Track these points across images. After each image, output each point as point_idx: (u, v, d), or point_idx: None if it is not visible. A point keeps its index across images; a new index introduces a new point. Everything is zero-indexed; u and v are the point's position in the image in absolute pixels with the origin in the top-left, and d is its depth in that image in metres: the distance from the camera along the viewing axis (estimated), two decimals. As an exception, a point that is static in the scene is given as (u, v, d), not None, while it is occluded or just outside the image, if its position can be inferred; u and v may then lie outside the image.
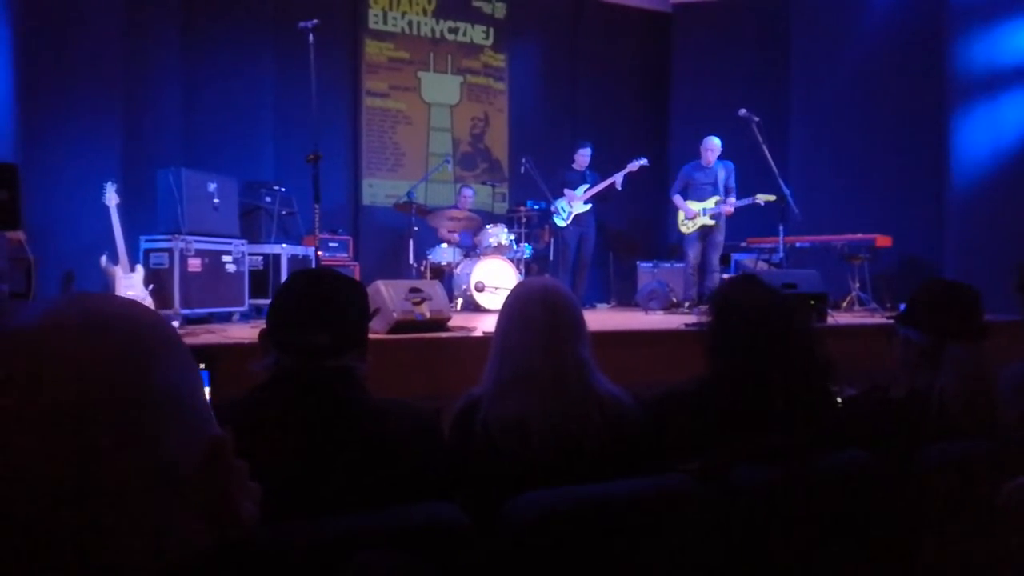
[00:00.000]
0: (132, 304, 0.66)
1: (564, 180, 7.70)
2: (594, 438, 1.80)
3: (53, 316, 0.60)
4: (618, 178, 7.63)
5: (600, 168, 7.82)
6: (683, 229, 7.21)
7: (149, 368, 0.60)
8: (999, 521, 1.54)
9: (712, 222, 7.01)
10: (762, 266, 7.38)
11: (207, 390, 1.25)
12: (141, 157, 6.28)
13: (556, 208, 7.58)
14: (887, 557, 1.75)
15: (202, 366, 1.25)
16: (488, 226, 7.53)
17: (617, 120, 9.66)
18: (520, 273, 7.26)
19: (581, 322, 1.97)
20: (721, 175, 7.04)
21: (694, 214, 7.04)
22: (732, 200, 7.00)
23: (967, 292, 2.22)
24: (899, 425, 2.00)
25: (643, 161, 7.68)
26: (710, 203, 7.00)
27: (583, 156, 7.78)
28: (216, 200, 5.63)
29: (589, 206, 7.69)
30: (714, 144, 7.06)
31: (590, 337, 1.97)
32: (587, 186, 7.65)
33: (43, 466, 0.54)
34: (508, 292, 2.08)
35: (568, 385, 1.85)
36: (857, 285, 6.79)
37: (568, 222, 7.61)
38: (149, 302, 4.68)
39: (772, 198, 6.45)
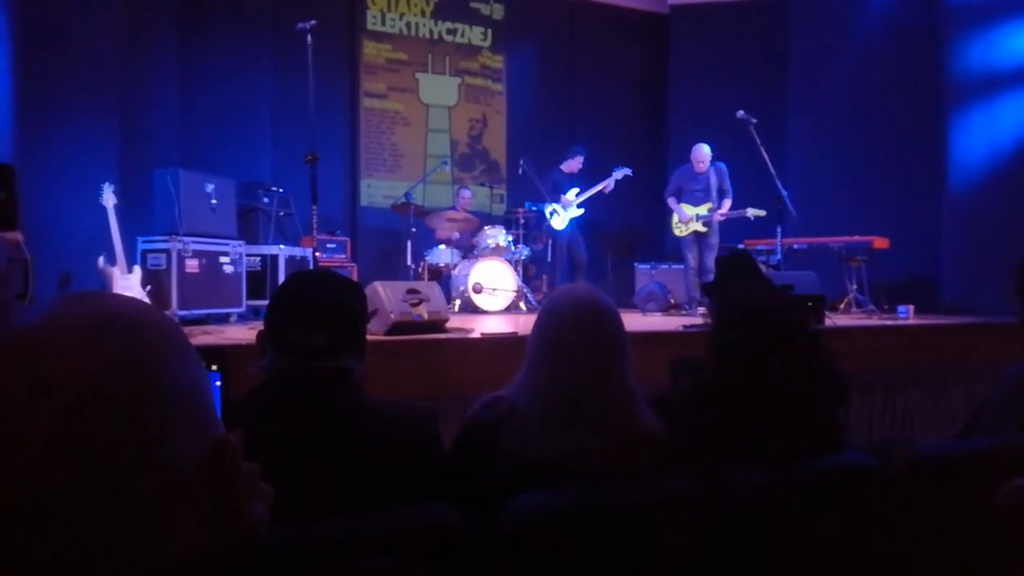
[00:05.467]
0: (138, 303, 0.65)
1: (556, 183, 7.72)
2: (629, 476, 1.65)
3: (58, 316, 0.60)
4: (608, 184, 7.67)
5: (592, 169, 7.84)
6: (677, 232, 7.24)
7: (155, 368, 0.60)
8: (998, 522, 1.54)
9: (704, 229, 7.04)
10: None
11: (218, 391, 1.25)
12: (139, 158, 6.26)
13: (552, 210, 7.58)
14: (886, 558, 1.75)
15: (214, 367, 1.25)
16: (486, 227, 7.53)
17: (614, 121, 9.67)
18: (518, 274, 7.25)
19: (627, 341, 1.79)
20: (714, 180, 7.06)
21: (688, 218, 7.06)
22: (727, 204, 7.02)
23: None
24: None
25: (627, 171, 7.73)
26: (703, 209, 7.04)
27: (576, 162, 7.79)
28: (213, 201, 5.62)
29: (582, 210, 7.71)
30: (704, 153, 7.07)
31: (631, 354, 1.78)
32: (577, 190, 7.67)
33: (46, 466, 0.54)
34: (549, 298, 1.89)
35: (611, 421, 1.68)
36: (854, 287, 6.78)
37: (564, 225, 7.62)
38: (146, 303, 4.66)
39: (762, 213, 6.51)
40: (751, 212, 6.71)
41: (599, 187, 7.70)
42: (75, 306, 0.61)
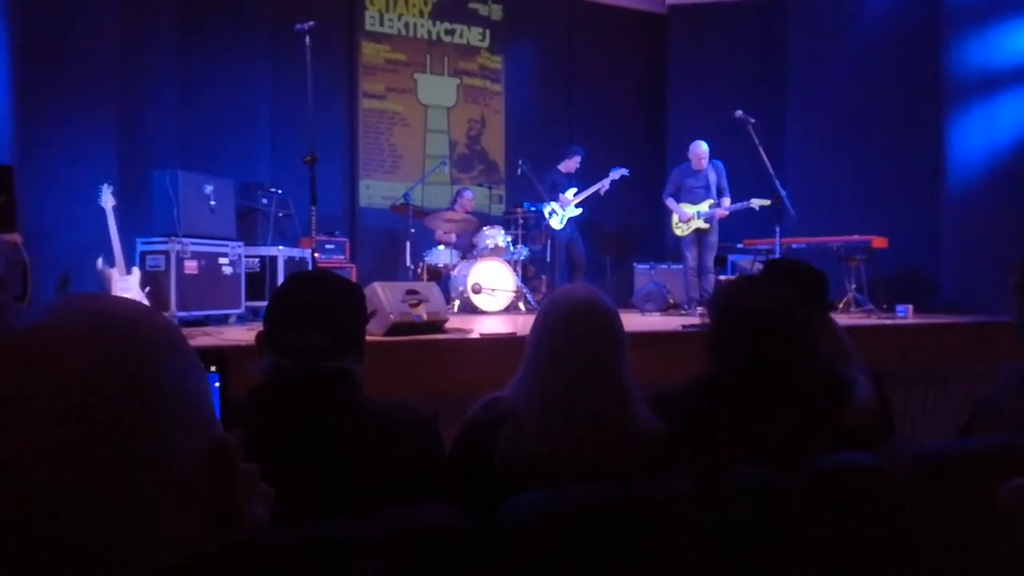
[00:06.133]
0: (136, 305, 0.65)
1: (554, 183, 7.73)
2: (627, 475, 1.65)
3: (56, 318, 0.60)
4: (604, 185, 7.69)
5: (591, 169, 7.86)
6: (677, 232, 7.25)
7: (153, 370, 0.60)
8: (998, 521, 1.54)
9: (706, 225, 7.05)
10: (759, 267, 7.39)
11: (217, 392, 1.25)
12: (137, 159, 6.26)
13: (551, 210, 7.60)
14: (887, 556, 1.75)
15: (212, 369, 1.25)
16: (485, 228, 7.53)
17: (613, 122, 9.67)
18: (517, 275, 7.25)
19: (625, 341, 1.80)
20: (712, 177, 7.07)
21: (688, 217, 7.07)
22: (727, 201, 7.03)
23: None
24: None
25: (624, 171, 7.75)
26: (703, 206, 7.04)
27: (574, 162, 7.82)
28: (212, 202, 5.61)
29: (580, 210, 7.72)
30: (702, 150, 7.08)
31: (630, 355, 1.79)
32: (575, 190, 7.68)
33: (45, 468, 0.54)
34: (547, 299, 1.90)
35: (610, 421, 1.68)
36: (853, 286, 6.79)
37: (563, 225, 7.64)
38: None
39: (767, 203, 6.48)
40: (756, 203, 6.71)
41: (595, 188, 7.71)
42: (74, 308, 0.61)
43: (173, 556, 0.59)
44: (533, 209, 7.87)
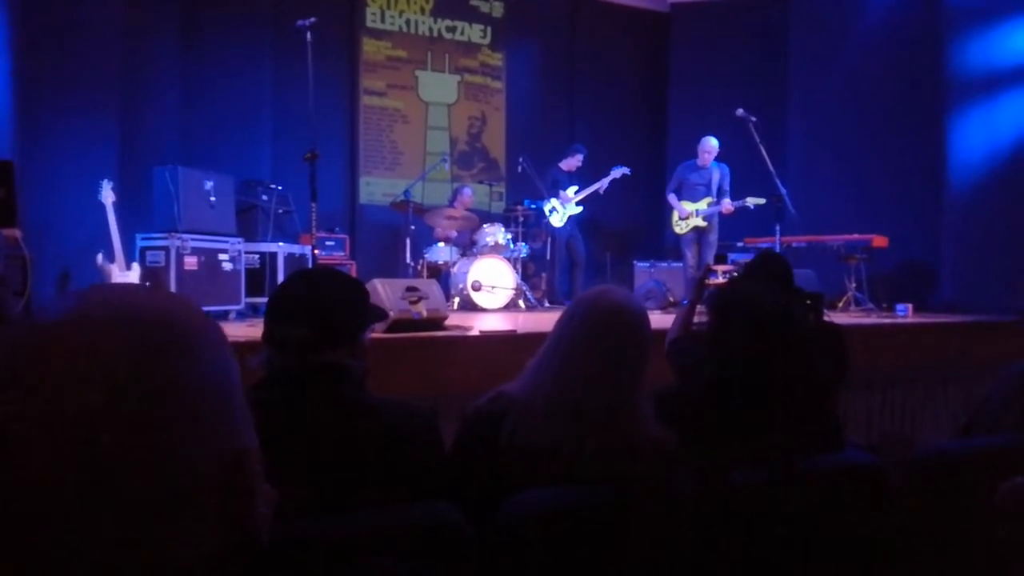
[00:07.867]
0: (173, 300, 0.64)
1: (555, 180, 7.74)
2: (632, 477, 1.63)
3: (77, 310, 0.59)
4: (603, 184, 7.69)
5: (592, 167, 7.86)
6: (677, 230, 7.25)
7: (176, 365, 0.59)
8: (998, 521, 1.54)
9: (704, 223, 7.04)
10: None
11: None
12: (138, 155, 6.26)
13: (551, 208, 7.60)
14: (887, 557, 1.75)
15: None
16: (485, 225, 7.52)
17: (615, 120, 9.66)
18: (517, 272, 7.25)
19: (649, 354, 1.79)
20: (715, 177, 7.07)
21: (687, 214, 7.07)
22: (727, 202, 7.02)
23: None
24: None
25: (625, 170, 7.75)
26: (702, 204, 7.04)
27: (576, 161, 7.82)
28: (213, 198, 5.61)
29: (581, 208, 7.73)
30: (711, 145, 7.08)
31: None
32: (576, 187, 7.69)
33: (59, 464, 0.53)
34: (580, 296, 1.89)
35: (617, 425, 1.67)
36: (853, 285, 6.79)
37: (563, 223, 7.64)
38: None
39: (762, 202, 6.50)
40: (751, 201, 6.75)
41: (596, 186, 7.72)
42: (95, 300, 0.60)
43: (180, 557, 0.58)
44: (533, 207, 7.86)
